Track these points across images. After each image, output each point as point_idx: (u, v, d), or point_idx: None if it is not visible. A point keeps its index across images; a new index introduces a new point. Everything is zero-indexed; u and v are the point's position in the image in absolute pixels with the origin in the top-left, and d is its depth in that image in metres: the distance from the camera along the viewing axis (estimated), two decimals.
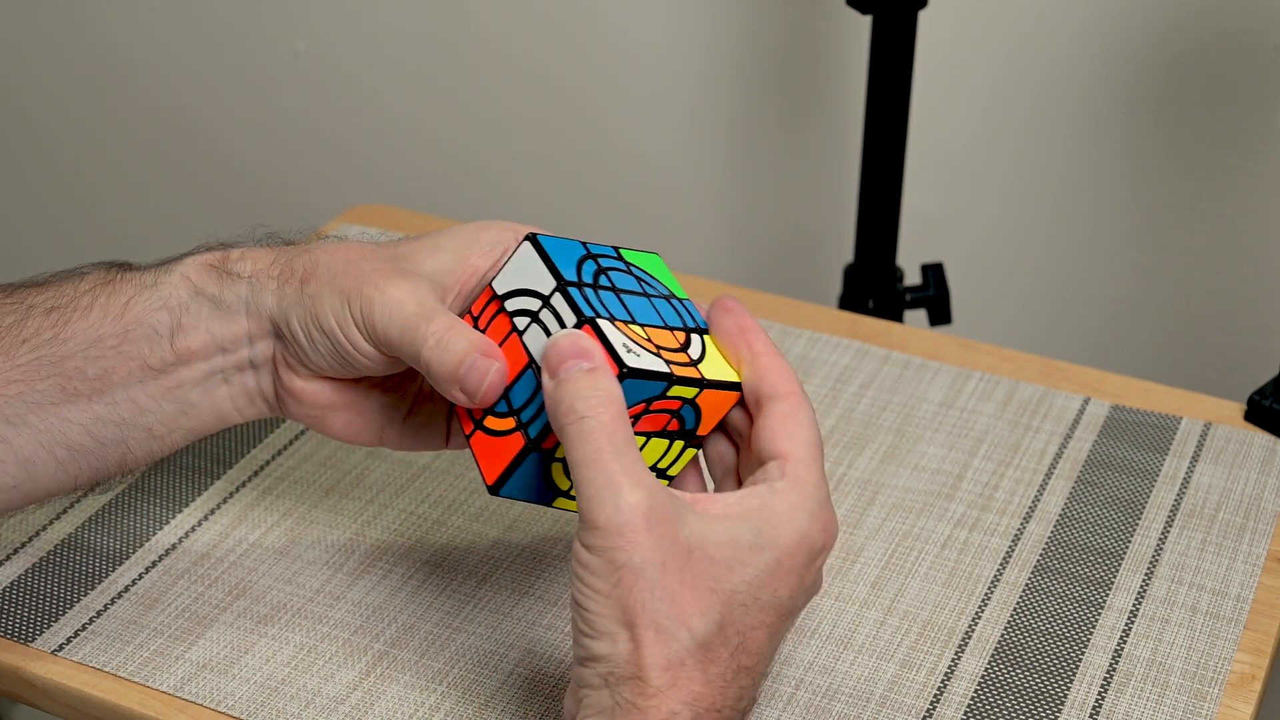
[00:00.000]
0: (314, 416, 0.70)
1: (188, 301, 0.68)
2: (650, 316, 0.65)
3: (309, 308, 0.67)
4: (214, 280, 0.69)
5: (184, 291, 0.69)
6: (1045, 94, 1.29)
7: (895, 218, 1.15)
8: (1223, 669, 0.71)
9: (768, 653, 0.61)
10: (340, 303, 0.66)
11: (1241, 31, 1.20)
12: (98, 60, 1.68)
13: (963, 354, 0.90)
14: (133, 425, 0.69)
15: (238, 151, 1.67)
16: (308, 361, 0.68)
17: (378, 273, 0.66)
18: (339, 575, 0.76)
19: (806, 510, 0.61)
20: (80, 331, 0.68)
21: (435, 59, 1.51)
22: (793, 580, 0.60)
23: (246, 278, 0.68)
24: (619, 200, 1.51)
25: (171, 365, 0.69)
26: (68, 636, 0.73)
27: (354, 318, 0.66)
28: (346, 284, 0.66)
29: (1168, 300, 1.33)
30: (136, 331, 0.68)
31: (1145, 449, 0.83)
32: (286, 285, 0.68)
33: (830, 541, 0.62)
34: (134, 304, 0.69)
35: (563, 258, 0.65)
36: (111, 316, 0.68)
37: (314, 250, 0.69)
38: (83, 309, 0.69)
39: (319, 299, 0.66)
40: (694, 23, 1.38)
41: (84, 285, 0.69)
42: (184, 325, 0.68)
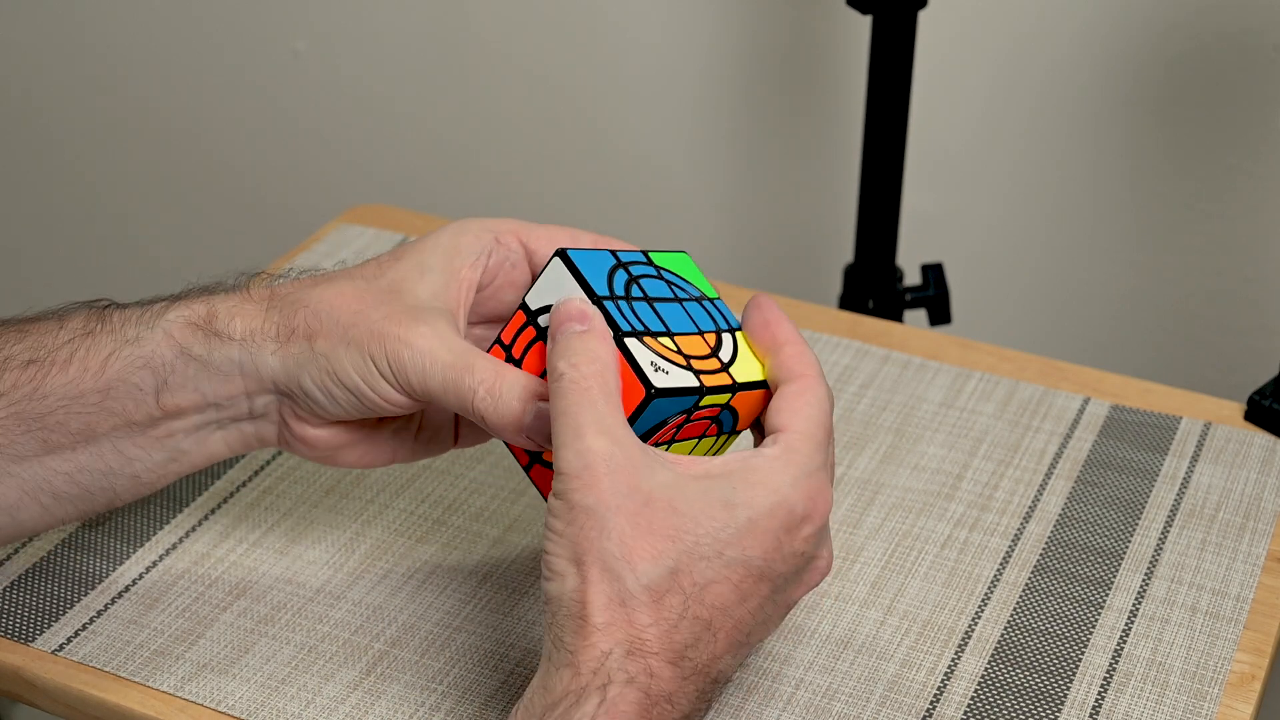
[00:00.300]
0: (325, 456, 0.70)
1: (173, 361, 0.67)
2: (682, 323, 0.65)
3: (324, 367, 0.66)
4: (201, 340, 0.67)
5: (168, 350, 0.67)
6: (1045, 94, 1.29)
7: (895, 218, 1.15)
8: (1223, 669, 0.71)
9: (737, 614, 0.60)
10: (362, 359, 0.65)
11: (1241, 31, 1.20)
12: (98, 60, 1.68)
13: (963, 354, 0.90)
14: (119, 474, 0.69)
15: (238, 151, 1.67)
16: (323, 414, 0.67)
17: (389, 320, 0.65)
18: (339, 575, 0.76)
19: (789, 475, 0.61)
20: (59, 387, 0.67)
21: (435, 59, 1.51)
22: (767, 542, 0.60)
23: (238, 340, 0.67)
24: (619, 200, 1.51)
25: (159, 420, 0.68)
26: (68, 636, 0.73)
27: (381, 373, 0.65)
28: (361, 337, 0.65)
29: (1168, 300, 1.33)
30: (119, 389, 0.67)
31: (1145, 449, 0.83)
32: (290, 345, 0.66)
33: (816, 512, 0.61)
34: (114, 360, 0.67)
35: (593, 271, 0.65)
36: (91, 373, 0.67)
37: (308, 301, 0.67)
38: (60, 363, 0.67)
39: (334, 357, 0.65)
40: (694, 23, 1.38)
41: (62, 336, 0.68)
42: (170, 385, 0.67)
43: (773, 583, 0.61)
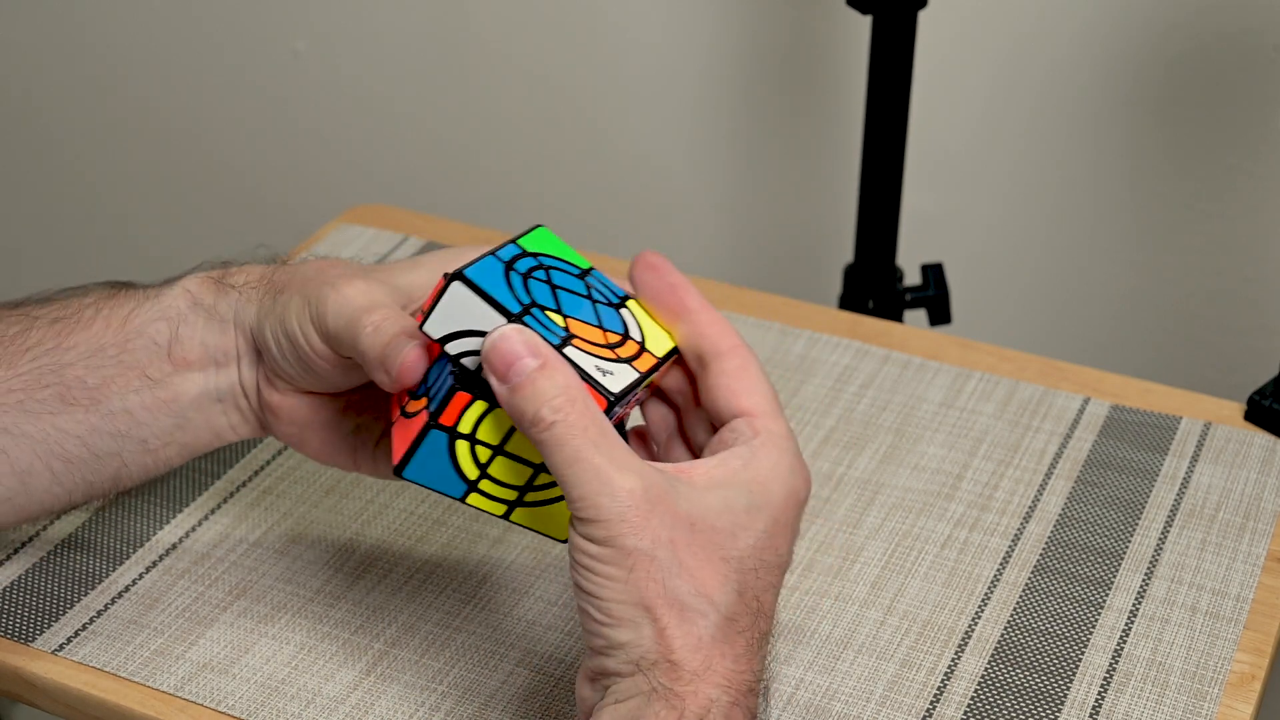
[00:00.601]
0: (293, 434, 0.70)
1: (185, 312, 0.69)
2: (587, 313, 0.64)
3: (279, 314, 0.67)
4: (211, 291, 0.70)
5: (183, 302, 0.70)
6: (1045, 94, 1.29)
7: (895, 218, 1.15)
8: (1223, 669, 0.71)
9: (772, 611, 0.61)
10: (302, 304, 0.66)
11: (1241, 31, 1.20)
12: (98, 60, 1.68)
13: (963, 354, 0.90)
14: (128, 438, 0.70)
15: (238, 151, 1.67)
16: (280, 372, 0.68)
17: (341, 277, 0.67)
18: (339, 575, 0.76)
19: (787, 465, 0.61)
20: (82, 341, 0.69)
21: (435, 59, 1.51)
22: (787, 536, 0.61)
23: (238, 289, 0.69)
24: (619, 200, 1.51)
25: (169, 376, 0.69)
26: (68, 636, 0.73)
27: (311, 316, 0.66)
28: (310, 288, 0.67)
29: (1168, 300, 1.33)
30: (136, 342, 0.69)
31: (1145, 449, 0.83)
32: (266, 296, 0.69)
33: (809, 490, 0.62)
34: (135, 315, 0.69)
35: (494, 285, 0.62)
36: (113, 327, 0.69)
37: (300, 264, 0.70)
38: (85, 320, 0.69)
39: (288, 305, 0.67)
40: (694, 23, 1.38)
41: (88, 299, 0.70)
42: (181, 336, 0.69)
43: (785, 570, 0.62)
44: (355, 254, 0.99)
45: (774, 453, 0.61)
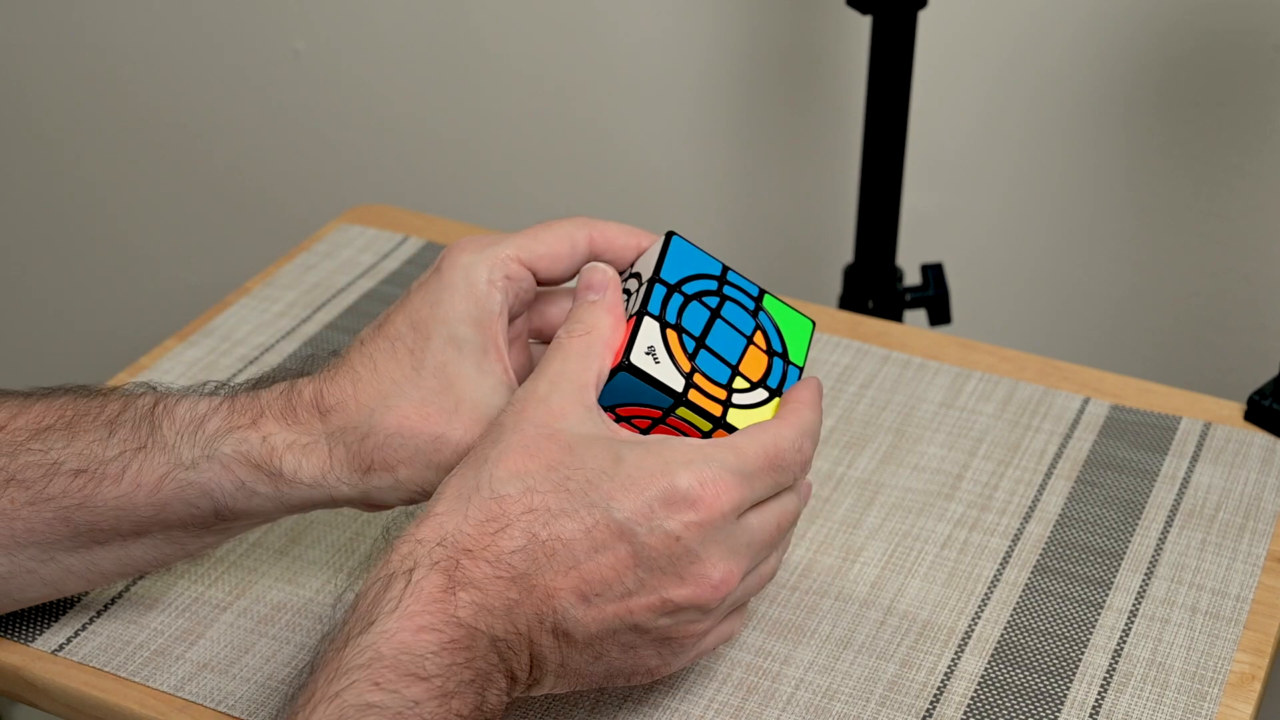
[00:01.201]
0: None
1: (235, 493, 0.67)
2: (728, 352, 0.66)
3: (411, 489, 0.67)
4: (266, 481, 0.67)
5: (228, 483, 0.67)
6: (1045, 94, 1.29)
7: (895, 218, 1.15)
8: (1223, 669, 0.71)
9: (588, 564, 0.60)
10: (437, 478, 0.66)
11: (1241, 31, 1.19)
12: (97, 60, 1.68)
13: (963, 354, 0.90)
14: (173, 556, 0.70)
15: (238, 151, 1.67)
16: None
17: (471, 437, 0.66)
18: (339, 575, 0.76)
19: (686, 455, 0.61)
20: (111, 499, 0.67)
21: (435, 59, 1.51)
22: (636, 502, 0.60)
23: (308, 484, 0.67)
24: (619, 200, 1.51)
25: (218, 523, 0.69)
26: (68, 636, 0.73)
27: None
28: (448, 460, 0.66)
29: (1168, 300, 1.33)
30: (174, 506, 0.67)
31: (1145, 449, 0.83)
32: (369, 477, 0.67)
33: (703, 502, 0.60)
34: (169, 481, 0.67)
35: (685, 262, 0.67)
36: (145, 490, 0.67)
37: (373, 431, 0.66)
38: (112, 476, 0.67)
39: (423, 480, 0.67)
40: (694, 23, 1.38)
41: (112, 448, 0.67)
42: (232, 507, 0.68)
43: (633, 549, 0.60)
44: (355, 254, 0.99)
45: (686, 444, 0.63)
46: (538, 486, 0.60)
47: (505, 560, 0.59)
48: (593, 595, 0.60)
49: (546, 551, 0.60)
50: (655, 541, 0.60)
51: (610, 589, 0.60)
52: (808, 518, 0.79)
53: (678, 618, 0.62)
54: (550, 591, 0.60)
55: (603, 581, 0.60)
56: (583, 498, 0.60)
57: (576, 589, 0.60)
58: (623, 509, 0.60)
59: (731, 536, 0.62)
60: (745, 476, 0.62)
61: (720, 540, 0.61)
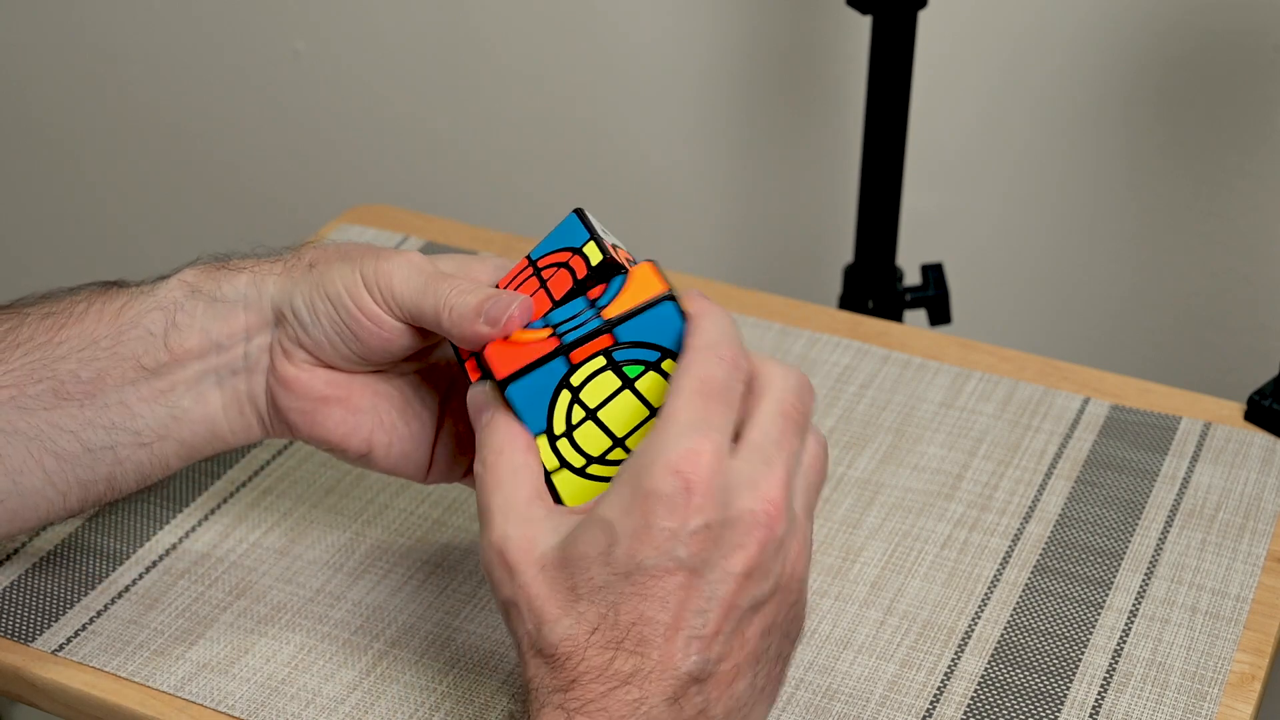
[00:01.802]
0: (304, 412, 0.69)
1: (183, 301, 0.69)
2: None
3: (315, 282, 0.68)
4: (211, 277, 0.70)
5: (179, 292, 0.70)
6: (1045, 94, 1.29)
7: (895, 218, 1.15)
8: (1223, 669, 0.71)
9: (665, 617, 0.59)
10: (350, 271, 0.67)
11: (1241, 31, 1.20)
12: (97, 60, 1.68)
13: (963, 354, 0.90)
14: (122, 430, 0.69)
15: (238, 151, 1.67)
16: (307, 342, 0.68)
17: (387, 252, 0.68)
18: (339, 575, 0.76)
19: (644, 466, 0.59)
20: (75, 335, 0.69)
21: (435, 59, 1.51)
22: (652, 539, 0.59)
23: (248, 270, 0.70)
24: (619, 200, 1.51)
25: (165, 365, 0.69)
26: (68, 636, 0.73)
27: (365, 281, 0.67)
28: (354, 255, 0.68)
29: (1168, 300, 1.33)
30: (131, 333, 0.69)
31: (1145, 449, 0.83)
32: (294, 270, 0.69)
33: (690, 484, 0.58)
34: (129, 307, 0.70)
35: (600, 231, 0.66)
36: (106, 320, 0.69)
37: (320, 244, 0.71)
38: (77, 314, 0.70)
39: (326, 273, 0.68)
40: (694, 23, 1.38)
41: (79, 295, 0.71)
42: (179, 324, 0.69)
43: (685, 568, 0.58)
44: None
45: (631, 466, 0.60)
46: (583, 609, 0.59)
47: (610, 673, 0.58)
48: (693, 630, 0.58)
49: (635, 638, 0.58)
50: (695, 548, 0.58)
51: (699, 610, 0.59)
52: None
53: (771, 574, 0.59)
54: (663, 659, 0.58)
55: (695, 613, 0.59)
56: (617, 578, 0.59)
57: (678, 637, 0.58)
58: (647, 554, 0.58)
59: (739, 473, 0.59)
60: (698, 425, 0.59)
61: (734, 486, 0.59)
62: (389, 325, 0.67)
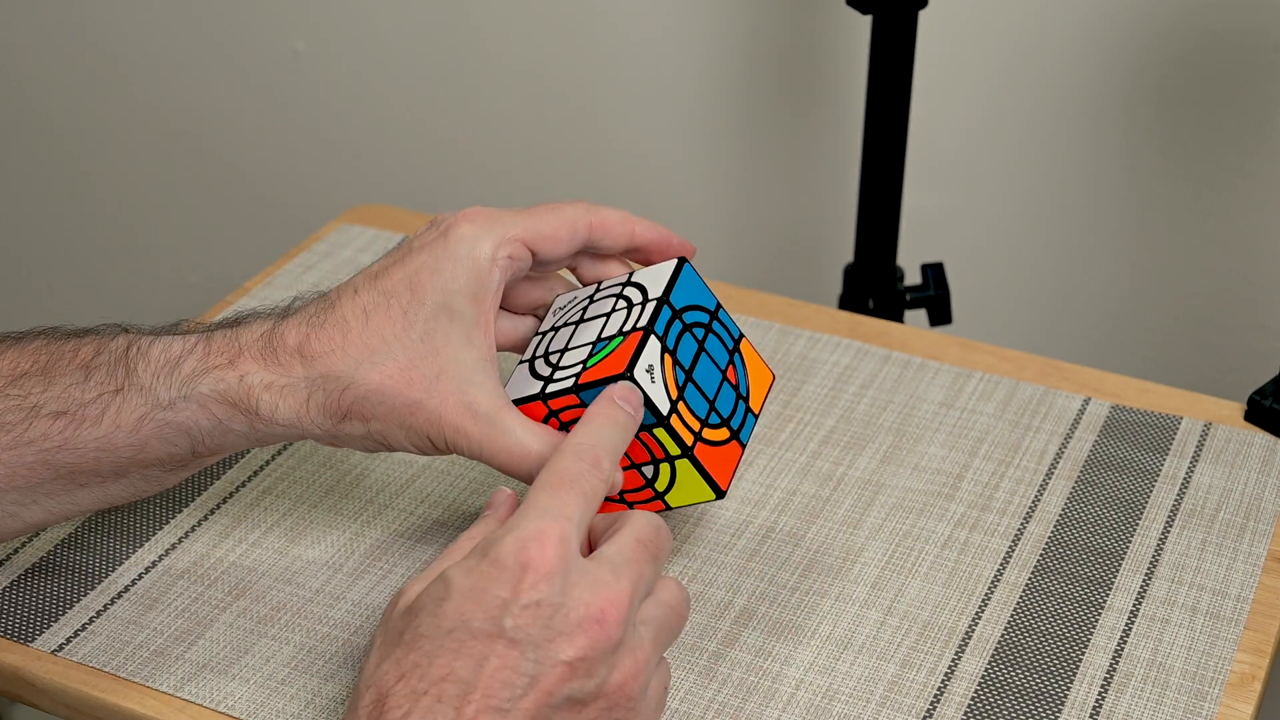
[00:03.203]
0: None
1: (211, 430, 0.68)
2: (709, 387, 0.69)
3: (377, 439, 0.68)
4: (242, 419, 0.68)
5: (205, 421, 0.68)
6: (1045, 94, 1.29)
7: (895, 218, 1.15)
8: (1223, 669, 0.71)
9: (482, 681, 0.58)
10: (419, 438, 0.68)
11: (1241, 31, 1.20)
12: (98, 60, 1.68)
13: (963, 354, 0.90)
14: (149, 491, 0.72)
15: (238, 151, 1.67)
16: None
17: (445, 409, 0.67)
18: (339, 575, 0.76)
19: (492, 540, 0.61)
20: (91, 440, 0.67)
21: (435, 59, 1.51)
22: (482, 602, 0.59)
23: (283, 424, 0.68)
24: (619, 200, 1.51)
25: (195, 460, 0.70)
26: (68, 636, 0.73)
27: (435, 446, 0.68)
28: (419, 425, 0.67)
29: (1168, 300, 1.33)
30: (153, 445, 0.68)
31: (1145, 449, 0.83)
32: (343, 425, 0.68)
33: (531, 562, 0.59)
34: (148, 422, 0.67)
35: (690, 290, 0.69)
36: (125, 431, 0.67)
37: (353, 383, 0.67)
38: (91, 418, 0.67)
39: (390, 435, 0.68)
40: (694, 23, 1.38)
41: (90, 390, 0.67)
42: (209, 444, 0.69)
43: (509, 639, 0.58)
44: (355, 254, 0.99)
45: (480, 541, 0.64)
46: (399, 655, 0.59)
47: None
48: (499, 701, 0.57)
49: (436, 694, 0.57)
50: (523, 621, 0.58)
51: (510, 684, 0.58)
52: (808, 518, 0.79)
53: (596, 674, 0.59)
54: None
55: (504, 685, 0.58)
56: (440, 633, 0.58)
57: (481, 704, 0.57)
58: (475, 615, 0.58)
59: (584, 571, 0.60)
60: (549, 510, 0.61)
61: (575, 580, 0.59)
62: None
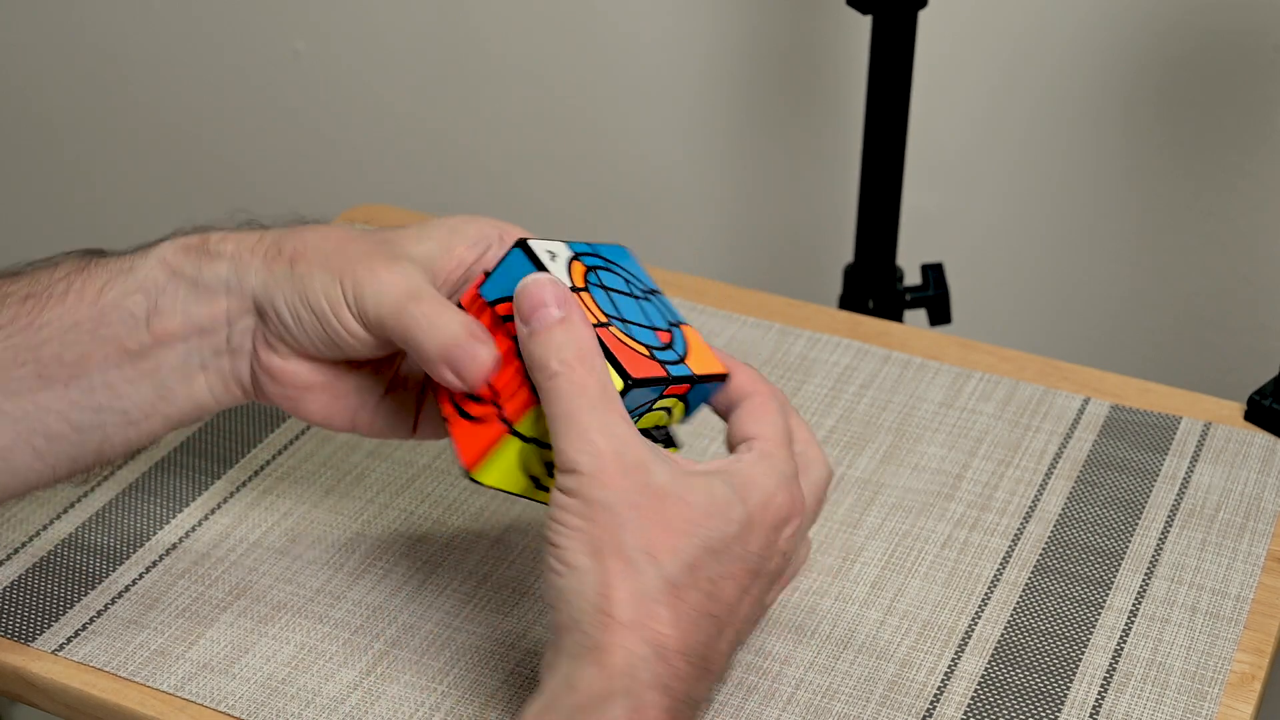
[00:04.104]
0: (289, 397, 0.70)
1: (164, 284, 0.68)
2: (637, 315, 0.66)
3: (298, 287, 0.67)
4: (192, 260, 0.69)
5: (161, 274, 0.68)
6: (1045, 94, 1.29)
7: (895, 218, 1.15)
8: (1223, 669, 0.71)
9: (740, 611, 0.62)
10: (331, 282, 0.66)
11: (1241, 31, 1.20)
12: (98, 60, 1.69)
13: (963, 354, 0.90)
14: (110, 410, 0.69)
15: (238, 151, 1.67)
16: (290, 341, 0.68)
17: (368, 255, 0.67)
18: (339, 575, 0.76)
19: (774, 477, 0.63)
20: (56, 318, 0.68)
21: (435, 59, 1.51)
22: (762, 538, 0.62)
23: (228, 257, 0.68)
24: (619, 200, 1.51)
25: (148, 348, 0.69)
26: (68, 636, 0.73)
27: (344, 298, 0.66)
28: (338, 264, 0.66)
29: (1168, 300, 1.33)
30: (112, 315, 0.68)
31: (1145, 449, 0.83)
32: (274, 264, 0.68)
33: (796, 514, 0.63)
34: (109, 288, 0.68)
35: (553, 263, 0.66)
36: (87, 301, 0.68)
37: (302, 231, 0.69)
38: (58, 295, 0.68)
39: (308, 279, 0.67)
40: (694, 23, 1.38)
41: (59, 273, 0.69)
42: (161, 307, 0.68)
43: (764, 579, 0.63)
44: None
45: (763, 465, 0.63)
46: (695, 560, 0.60)
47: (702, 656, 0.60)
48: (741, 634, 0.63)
49: (717, 622, 0.61)
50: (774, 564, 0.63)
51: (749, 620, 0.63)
52: None
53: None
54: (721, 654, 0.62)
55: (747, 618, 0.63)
56: (727, 554, 0.61)
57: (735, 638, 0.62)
58: (755, 550, 0.62)
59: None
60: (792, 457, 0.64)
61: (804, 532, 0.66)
62: (367, 340, 0.67)
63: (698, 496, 0.60)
